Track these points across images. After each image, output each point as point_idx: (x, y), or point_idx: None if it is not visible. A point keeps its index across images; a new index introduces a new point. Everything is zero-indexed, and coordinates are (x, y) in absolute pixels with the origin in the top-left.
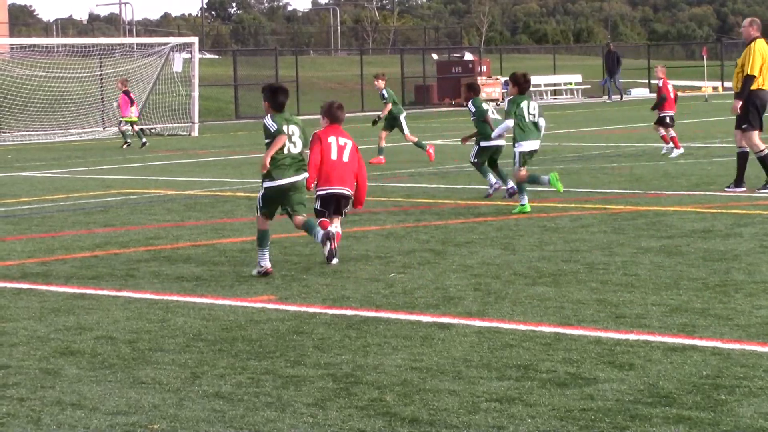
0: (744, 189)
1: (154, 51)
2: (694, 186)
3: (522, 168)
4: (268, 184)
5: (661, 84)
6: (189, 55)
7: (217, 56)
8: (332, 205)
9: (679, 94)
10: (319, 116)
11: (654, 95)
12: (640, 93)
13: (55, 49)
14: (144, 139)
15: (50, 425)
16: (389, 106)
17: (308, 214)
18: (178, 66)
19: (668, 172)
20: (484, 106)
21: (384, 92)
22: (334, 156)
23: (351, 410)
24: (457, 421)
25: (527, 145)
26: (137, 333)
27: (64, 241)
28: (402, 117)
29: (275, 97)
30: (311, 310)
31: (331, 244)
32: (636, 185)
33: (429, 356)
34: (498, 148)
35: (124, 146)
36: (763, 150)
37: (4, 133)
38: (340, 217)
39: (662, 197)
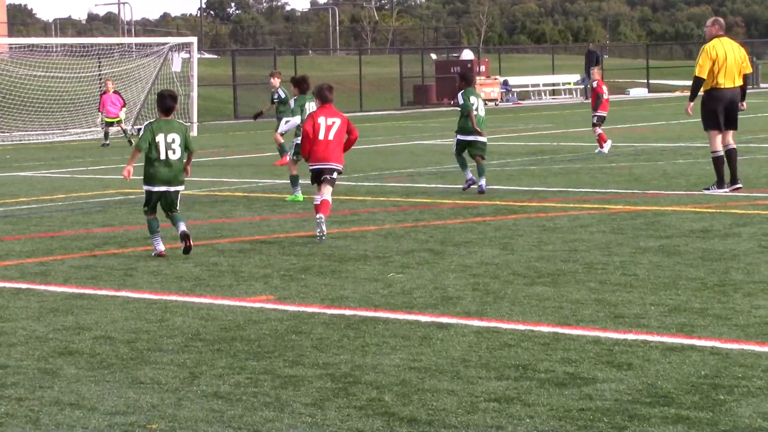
0: (726, 189)
1: (153, 51)
2: (693, 186)
3: None
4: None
5: (596, 85)
6: (188, 55)
7: (215, 56)
8: (317, 178)
9: (678, 93)
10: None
11: (652, 95)
12: (639, 93)
13: (54, 49)
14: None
15: (49, 425)
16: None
17: None
18: (176, 66)
19: (667, 172)
20: (472, 99)
21: (280, 91)
22: (321, 136)
23: (350, 410)
24: (455, 421)
25: None
26: (136, 333)
27: (63, 241)
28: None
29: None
30: (310, 310)
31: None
32: (635, 185)
33: (428, 356)
34: (474, 143)
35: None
36: (717, 151)
37: (2, 132)
38: (329, 187)
39: (661, 197)
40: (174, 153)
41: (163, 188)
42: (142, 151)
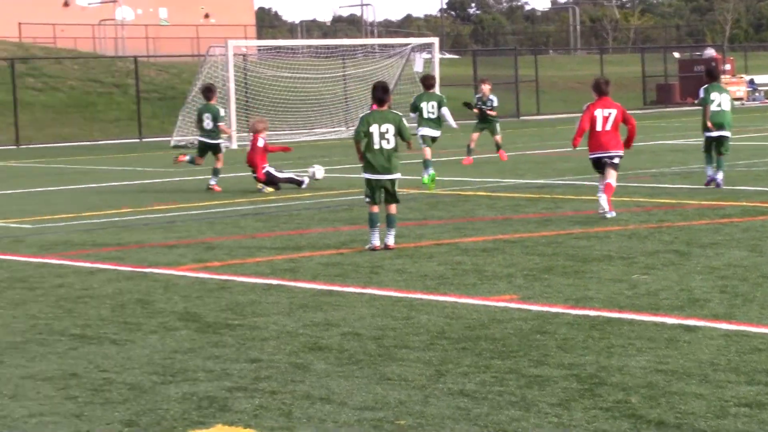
0: None
1: (396, 51)
2: None
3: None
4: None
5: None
6: (429, 56)
7: (456, 56)
8: (598, 166)
9: None
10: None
11: None
12: None
13: (300, 51)
14: None
15: (300, 419)
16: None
17: None
18: (418, 66)
19: None
20: (713, 95)
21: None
22: (599, 127)
23: (596, 411)
24: (704, 425)
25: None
26: (382, 330)
27: (311, 238)
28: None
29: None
30: (554, 310)
31: None
32: None
33: (674, 359)
34: (720, 139)
35: None
36: None
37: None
38: (613, 171)
39: None
40: (388, 142)
41: (378, 176)
42: (361, 141)
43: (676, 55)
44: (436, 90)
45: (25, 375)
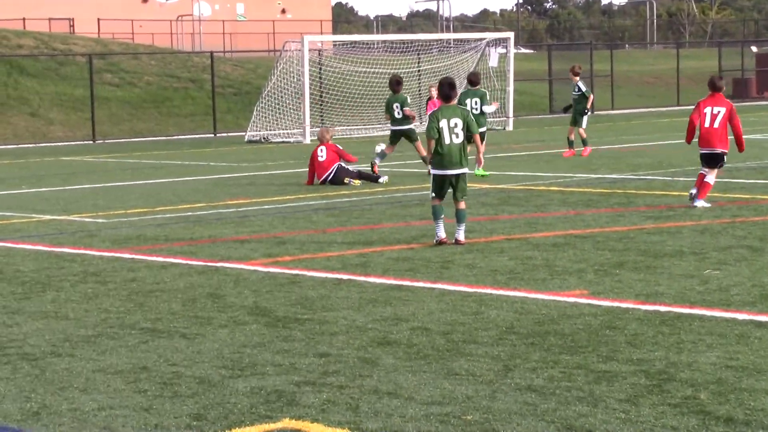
0: None
1: (471, 46)
2: None
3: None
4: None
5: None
6: (504, 50)
7: (532, 51)
8: (706, 162)
9: None
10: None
11: None
12: None
13: (375, 46)
14: None
15: (368, 413)
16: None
17: None
18: (494, 61)
19: None
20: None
21: (580, 85)
22: (707, 124)
23: (664, 407)
24: None
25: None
26: (451, 325)
27: (382, 233)
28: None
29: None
30: (624, 305)
31: None
32: None
33: (745, 355)
34: None
35: None
36: None
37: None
38: (715, 170)
39: None
40: (457, 137)
41: (447, 171)
42: (433, 138)
43: (754, 49)
44: (491, 86)
45: (96, 368)
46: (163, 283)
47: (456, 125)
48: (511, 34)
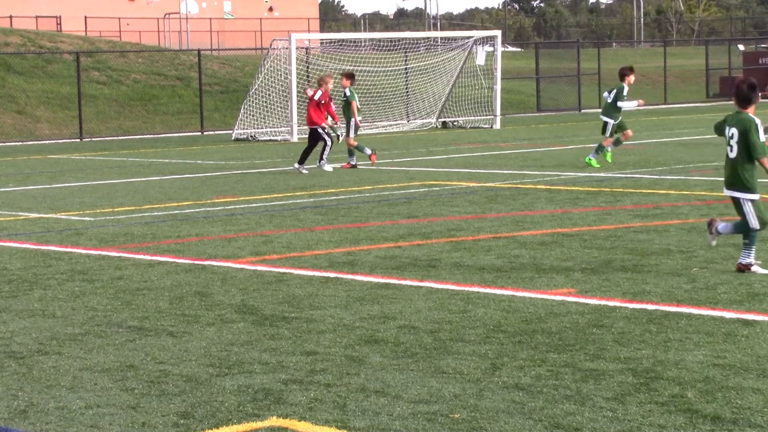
0: None
1: (458, 45)
2: None
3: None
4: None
5: None
6: (492, 48)
7: (519, 49)
8: None
9: None
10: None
11: None
12: None
13: (363, 44)
14: None
15: (355, 411)
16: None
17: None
18: (480, 59)
19: None
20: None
21: (347, 91)
22: None
23: (651, 406)
24: (761, 420)
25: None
26: (439, 323)
27: (369, 231)
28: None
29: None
30: (611, 303)
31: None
32: None
33: (732, 353)
34: None
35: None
36: None
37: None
38: None
39: None
40: (731, 150)
41: (725, 189)
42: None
43: (740, 47)
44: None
45: (83, 367)
46: (150, 281)
47: (732, 136)
48: (498, 33)
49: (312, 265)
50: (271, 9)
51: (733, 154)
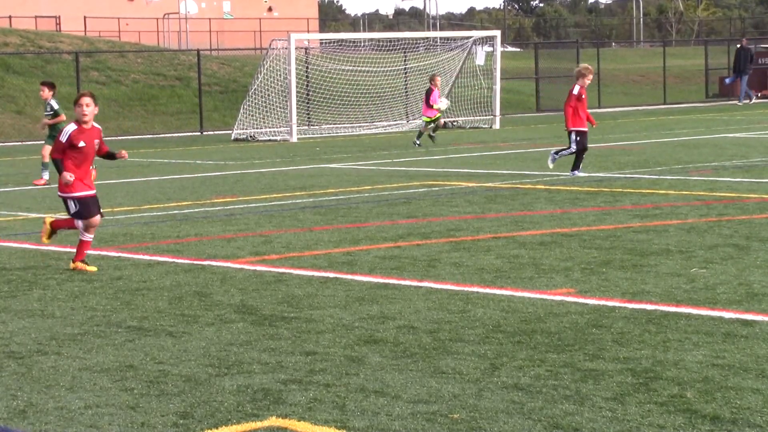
0: None
1: (457, 45)
2: None
3: None
4: None
5: None
6: (491, 49)
7: (518, 49)
8: None
9: None
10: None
11: None
12: None
13: (362, 44)
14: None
15: (354, 411)
16: (62, 117)
17: None
18: (480, 59)
19: None
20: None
21: (53, 103)
22: None
23: (650, 406)
24: (760, 420)
25: None
26: (438, 323)
27: (369, 231)
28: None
29: None
30: (610, 303)
31: None
32: None
33: (731, 353)
34: None
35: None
36: None
37: (313, 126)
38: None
39: None
40: None
41: None
42: None
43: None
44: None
45: (82, 367)
46: (150, 281)
47: None
48: (497, 33)
49: (311, 265)
50: (270, 9)
51: None
